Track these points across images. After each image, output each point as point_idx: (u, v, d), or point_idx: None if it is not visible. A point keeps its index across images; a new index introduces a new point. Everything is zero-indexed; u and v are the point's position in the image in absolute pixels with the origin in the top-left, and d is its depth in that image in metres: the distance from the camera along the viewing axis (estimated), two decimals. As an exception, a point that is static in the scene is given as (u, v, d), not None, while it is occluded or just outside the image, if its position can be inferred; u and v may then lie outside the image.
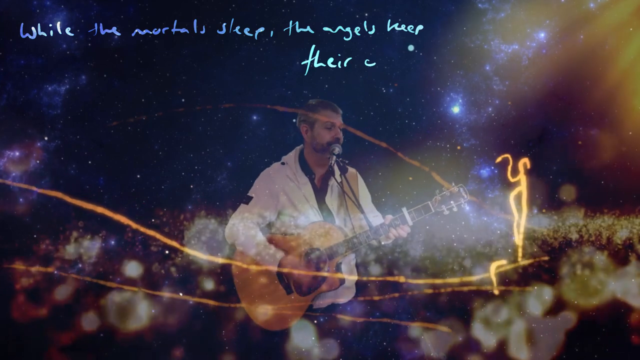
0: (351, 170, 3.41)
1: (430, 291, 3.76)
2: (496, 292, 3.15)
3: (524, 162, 3.02)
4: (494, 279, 3.10)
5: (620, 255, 4.15)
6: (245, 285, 3.21)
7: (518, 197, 3.25)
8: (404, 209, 3.18)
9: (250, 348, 3.38)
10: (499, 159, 3.13)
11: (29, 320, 4.00)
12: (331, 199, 3.29)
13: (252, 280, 3.20)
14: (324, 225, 3.20)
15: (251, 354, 3.38)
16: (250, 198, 3.25)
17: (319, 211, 3.27)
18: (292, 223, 3.24)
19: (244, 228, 3.19)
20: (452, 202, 3.17)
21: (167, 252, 4.14)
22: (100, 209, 3.84)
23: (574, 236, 4.25)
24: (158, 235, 3.95)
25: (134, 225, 3.91)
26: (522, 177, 3.01)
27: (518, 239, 3.01)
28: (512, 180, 3.09)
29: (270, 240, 3.24)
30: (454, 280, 3.77)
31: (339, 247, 3.16)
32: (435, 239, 4.20)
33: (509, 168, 3.12)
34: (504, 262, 3.15)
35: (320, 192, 3.31)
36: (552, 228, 4.28)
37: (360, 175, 3.44)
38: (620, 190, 4.27)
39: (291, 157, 3.37)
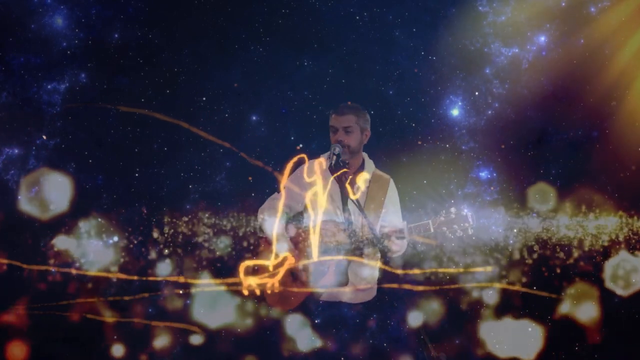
0: (384, 176, 3.40)
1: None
2: (245, 292, 3.18)
3: (320, 162, 3.14)
4: (242, 279, 3.13)
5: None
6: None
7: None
8: (405, 223, 3.16)
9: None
10: (295, 159, 3.17)
11: None
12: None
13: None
14: (336, 225, 3.24)
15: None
16: (283, 188, 3.37)
17: (341, 210, 3.29)
18: (314, 218, 3.27)
19: (270, 215, 3.32)
20: (455, 225, 3.14)
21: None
22: None
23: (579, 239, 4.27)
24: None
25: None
26: (317, 178, 3.11)
27: (313, 238, 3.09)
28: (307, 180, 3.19)
29: (289, 231, 3.33)
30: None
31: (340, 249, 3.19)
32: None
33: (305, 169, 3.19)
34: (251, 262, 3.21)
35: (345, 192, 3.31)
36: (550, 230, 4.30)
37: (393, 182, 3.43)
38: (620, 192, 4.29)
39: (326, 155, 3.40)
